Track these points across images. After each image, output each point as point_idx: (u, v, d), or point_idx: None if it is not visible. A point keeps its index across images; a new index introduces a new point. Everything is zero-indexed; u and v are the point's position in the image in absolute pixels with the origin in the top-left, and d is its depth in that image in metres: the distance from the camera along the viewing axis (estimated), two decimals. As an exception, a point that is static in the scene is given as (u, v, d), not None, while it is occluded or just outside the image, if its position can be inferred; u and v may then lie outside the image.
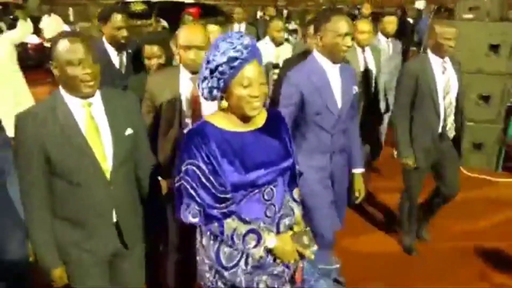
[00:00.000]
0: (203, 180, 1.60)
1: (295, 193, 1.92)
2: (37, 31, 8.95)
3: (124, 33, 3.16)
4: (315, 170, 2.47)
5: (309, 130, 2.47)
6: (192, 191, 1.61)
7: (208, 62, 1.58)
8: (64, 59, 1.70)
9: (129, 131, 1.89)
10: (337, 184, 2.60)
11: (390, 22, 4.42)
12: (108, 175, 1.83)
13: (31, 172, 1.77)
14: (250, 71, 1.57)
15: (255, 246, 1.64)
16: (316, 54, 2.48)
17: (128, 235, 1.94)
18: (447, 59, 3.08)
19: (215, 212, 1.61)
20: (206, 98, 1.67)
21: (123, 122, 1.88)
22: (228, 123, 1.66)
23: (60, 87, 1.80)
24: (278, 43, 4.45)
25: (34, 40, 9.86)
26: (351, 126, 2.65)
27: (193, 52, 2.27)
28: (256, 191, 1.67)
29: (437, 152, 3.15)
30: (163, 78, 2.40)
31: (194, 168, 1.60)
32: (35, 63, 9.17)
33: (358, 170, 2.73)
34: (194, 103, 2.33)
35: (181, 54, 2.31)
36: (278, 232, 1.75)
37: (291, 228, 1.79)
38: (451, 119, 3.12)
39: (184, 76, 2.36)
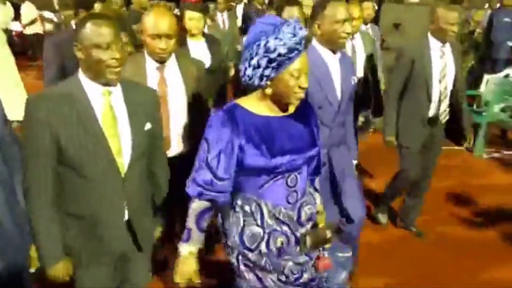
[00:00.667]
0: (208, 158, 1.61)
1: (317, 182, 1.91)
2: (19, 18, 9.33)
3: None
4: None
5: None
6: (197, 164, 1.65)
7: (267, 50, 1.51)
8: (91, 42, 1.60)
9: (148, 125, 1.80)
10: (341, 178, 2.48)
11: (367, 8, 4.38)
12: (122, 171, 1.73)
13: (39, 159, 1.63)
14: (302, 62, 1.56)
15: (183, 240, 1.73)
16: (315, 44, 2.39)
17: (139, 235, 1.85)
18: (447, 44, 3.05)
19: (197, 189, 1.65)
20: (250, 85, 1.62)
21: (142, 116, 1.79)
22: (260, 107, 1.65)
23: (80, 72, 1.69)
24: None
25: (17, 27, 10.19)
26: (348, 118, 2.60)
27: (163, 41, 2.18)
28: (279, 177, 1.66)
29: (428, 135, 3.18)
30: (129, 67, 2.24)
31: (207, 145, 1.62)
32: (20, 49, 9.62)
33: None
34: (162, 93, 2.27)
35: (149, 42, 2.22)
36: (299, 219, 1.74)
37: (310, 219, 1.79)
38: (445, 104, 3.11)
39: (151, 65, 2.29)
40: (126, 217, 1.80)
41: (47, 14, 10.18)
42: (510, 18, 6.43)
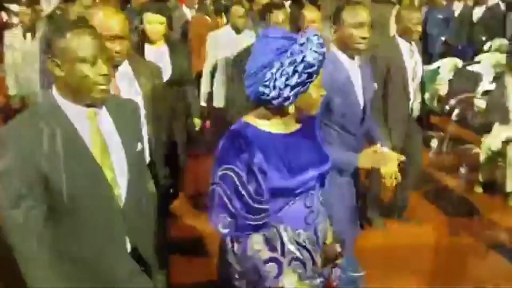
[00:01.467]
0: (240, 188, 1.45)
1: (320, 195, 1.78)
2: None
3: None
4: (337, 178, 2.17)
5: (331, 133, 2.26)
6: (226, 200, 1.46)
7: (307, 65, 1.40)
8: (75, 56, 1.36)
9: (139, 146, 1.60)
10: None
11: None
12: (121, 203, 1.52)
13: (23, 205, 1.37)
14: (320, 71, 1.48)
15: (275, 277, 1.48)
16: (334, 49, 2.30)
17: (147, 261, 1.65)
18: (413, 43, 3.17)
19: (247, 223, 1.47)
20: (282, 104, 1.46)
21: (132, 135, 1.58)
22: (269, 124, 1.53)
23: (54, 91, 1.44)
24: (240, 30, 4.06)
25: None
26: (372, 124, 2.50)
27: (118, 43, 1.97)
28: (298, 198, 1.55)
29: (406, 132, 3.24)
30: None
31: (232, 174, 1.45)
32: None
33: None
34: None
35: None
36: (317, 240, 1.62)
37: (324, 239, 1.70)
38: (418, 100, 3.31)
39: None
40: (129, 249, 1.60)
41: (12, 7, 10.30)
42: (442, 15, 7.14)
